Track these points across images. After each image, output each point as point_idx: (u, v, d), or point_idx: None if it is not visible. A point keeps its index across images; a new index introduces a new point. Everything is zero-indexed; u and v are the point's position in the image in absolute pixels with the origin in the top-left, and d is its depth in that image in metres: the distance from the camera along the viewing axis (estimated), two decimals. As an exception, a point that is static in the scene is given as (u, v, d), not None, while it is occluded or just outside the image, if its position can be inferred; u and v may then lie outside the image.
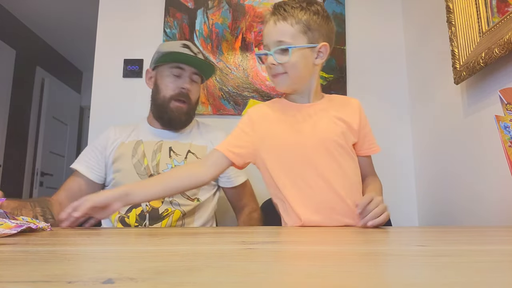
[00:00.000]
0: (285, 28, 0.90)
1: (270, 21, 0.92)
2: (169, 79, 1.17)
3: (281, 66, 0.90)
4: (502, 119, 0.74)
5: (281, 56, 0.90)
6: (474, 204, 1.22)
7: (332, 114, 0.96)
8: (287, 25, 0.90)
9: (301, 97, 0.98)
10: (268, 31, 0.92)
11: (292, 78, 0.92)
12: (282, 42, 0.89)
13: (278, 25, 0.90)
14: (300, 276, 0.27)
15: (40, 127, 3.75)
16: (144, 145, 1.17)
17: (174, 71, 1.17)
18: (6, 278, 0.25)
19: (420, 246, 0.47)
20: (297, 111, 0.97)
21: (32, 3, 3.22)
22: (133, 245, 0.48)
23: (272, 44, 0.91)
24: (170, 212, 1.08)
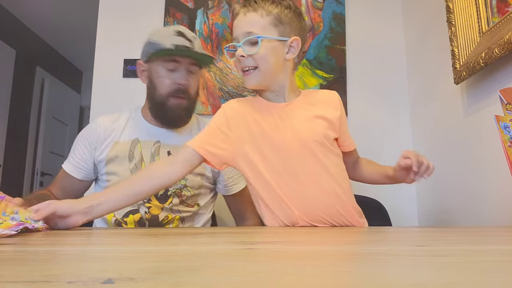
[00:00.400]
0: (255, 19, 0.87)
1: (240, 13, 0.89)
2: (164, 75, 1.07)
3: (251, 59, 0.86)
4: (502, 119, 0.74)
5: (250, 48, 0.86)
6: (474, 204, 1.22)
7: (310, 111, 0.92)
8: (257, 16, 0.87)
9: (276, 95, 0.93)
10: (238, 22, 0.89)
11: (263, 73, 0.88)
12: (251, 33, 0.86)
13: (247, 16, 0.87)
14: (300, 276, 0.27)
15: (40, 127, 3.75)
16: (141, 145, 1.10)
17: (169, 65, 1.07)
18: (6, 278, 0.25)
19: (420, 246, 0.47)
20: (274, 111, 0.91)
21: (32, 3, 3.22)
22: (133, 245, 0.48)
23: (241, 36, 0.87)
24: (170, 219, 1.06)
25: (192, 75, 1.10)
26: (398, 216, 1.62)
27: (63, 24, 3.54)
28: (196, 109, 1.52)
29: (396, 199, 1.66)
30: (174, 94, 1.07)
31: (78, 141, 1.14)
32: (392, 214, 1.34)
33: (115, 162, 1.09)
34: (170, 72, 1.07)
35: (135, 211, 1.06)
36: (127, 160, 1.08)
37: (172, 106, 1.08)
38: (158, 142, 1.11)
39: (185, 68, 1.08)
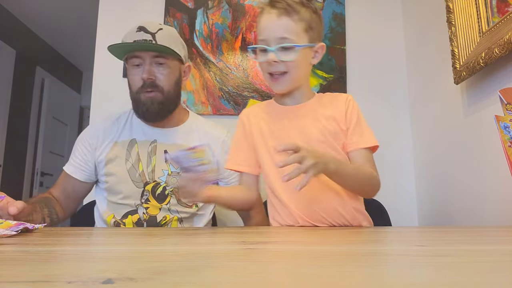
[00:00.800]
0: (288, 24, 0.86)
1: (272, 14, 0.86)
2: (132, 72, 1.07)
3: (283, 64, 0.86)
4: (502, 119, 0.74)
5: (284, 54, 0.85)
6: (474, 204, 1.22)
7: (320, 113, 0.93)
8: (290, 21, 0.86)
9: (292, 98, 0.95)
10: (269, 25, 0.87)
11: (292, 79, 0.89)
12: (286, 39, 0.85)
13: (281, 20, 0.85)
14: (300, 276, 0.27)
15: (40, 127, 3.75)
16: (138, 145, 1.10)
17: (134, 61, 1.06)
18: (6, 278, 0.25)
19: (420, 246, 0.47)
20: (284, 114, 0.95)
21: (32, 3, 3.22)
22: (133, 245, 0.48)
23: (274, 40, 0.86)
24: (168, 220, 1.06)
25: (160, 68, 1.07)
26: (398, 216, 1.62)
27: (63, 24, 3.54)
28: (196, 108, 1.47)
29: (396, 199, 1.66)
30: (142, 89, 1.06)
31: (78, 142, 1.14)
32: (392, 214, 1.34)
33: (114, 163, 1.09)
34: (136, 68, 1.06)
35: (133, 212, 1.05)
36: (123, 160, 1.08)
37: (144, 100, 1.06)
38: (155, 142, 1.11)
39: (150, 62, 1.05)
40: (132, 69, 1.07)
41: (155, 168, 1.09)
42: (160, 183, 1.08)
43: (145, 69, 1.05)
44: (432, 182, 1.54)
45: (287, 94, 0.94)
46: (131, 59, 1.06)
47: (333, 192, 0.89)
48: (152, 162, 1.09)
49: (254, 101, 1.73)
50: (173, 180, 1.09)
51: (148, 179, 1.08)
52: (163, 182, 1.08)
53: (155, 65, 1.06)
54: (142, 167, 1.08)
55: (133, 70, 1.07)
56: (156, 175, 1.08)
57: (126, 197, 1.07)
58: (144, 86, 1.05)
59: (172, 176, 1.09)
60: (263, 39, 0.88)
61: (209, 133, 1.17)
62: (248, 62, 1.77)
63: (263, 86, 1.75)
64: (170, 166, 1.09)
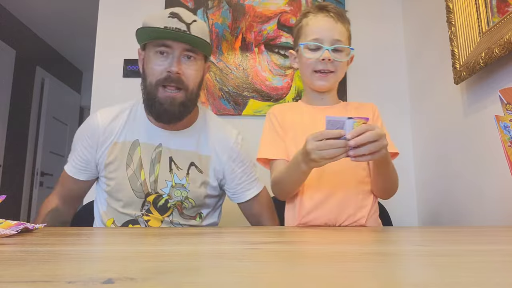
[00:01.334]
0: (343, 30, 0.97)
1: (329, 18, 0.96)
2: (154, 61, 0.94)
3: (333, 64, 0.95)
4: (502, 119, 0.74)
5: (337, 55, 0.95)
6: (474, 204, 1.22)
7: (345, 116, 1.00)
8: (343, 28, 0.97)
9: (321, 99, 1.02)
10: (327, 27, 0.95)
11: (337, 78, 0.98)
12: (340, 42, 0.95)
13: (338, 24, 0.96)
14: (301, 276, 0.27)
15: (40, 127, 3.75)
16: (141, 148, 1.00)
17: (161, 49, 0.93)
18: (6, 278, 0.25)
19: (420, 246, 0.47)
20: (313, 112, 1.00)
21: (32, 3, 3.22)
22: (133, 245, 0.48)
23: (329, 41, 0.94)
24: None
25: (190, 63, 0.95)
26: (398, 216, 1.62)
27: (63, 24, 3.54)
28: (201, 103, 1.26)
29: (396, 199, 1.66)
30: (164, 83, 0.93)
31: (78, 141, 1.05)
32: (392, 214, 1.34)
33: (113, 166, 1.00)
34: (161, 58, 0.94)
35: (134, 222, 1.00)
36: (124, 165, 0.99)
37: (163, 98, 0.94)
38: (160, 147, 1.01)
39: (178, 55, 0.93)
40: (156, 57, 0.94)
41: (158, 178, 0.99)
42: (163, 195, 1.00)
43: (175, 61, 0.93)
44: (432, 182, 1.54)
45: (321, 93, 1.01)
46: (158, 47, 0.93)
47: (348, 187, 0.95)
48: (155, 171, 0.99)
49: (254, 101, 1.73)
50: (177, 193, 1.00)
51: (150, 189, 0.99)
52: (166, 194, 1.00)
53: (183, 59, 0.95)
54: (144, 176, 0.99)
55: (157, 59, 0.94)
56: (159, 186, 0.99)
57: (126, 205, 1.00)
58: (168, 80, 0.93)
59: (176, 189, 1.00)
60: (317, 38, 0.95)
61: (219, 136, 1.06)
62: (248, 62, 1.77)
63: (263, 86, 1.75)
64: (175, 176, 1.00)
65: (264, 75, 1.75)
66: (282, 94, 1.74)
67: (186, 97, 0.95)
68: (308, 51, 0.96)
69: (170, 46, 0.93)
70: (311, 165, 0.80)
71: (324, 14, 0.97)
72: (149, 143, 1.01)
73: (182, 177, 1.00)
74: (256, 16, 1.80)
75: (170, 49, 0.93)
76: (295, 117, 1.01)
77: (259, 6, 1.81)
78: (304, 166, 0.82)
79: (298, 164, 0.84)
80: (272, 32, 1.79)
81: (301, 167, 0.83)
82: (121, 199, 1.00)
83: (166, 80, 0.93)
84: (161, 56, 0.94)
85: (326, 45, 0.94)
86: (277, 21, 1.79)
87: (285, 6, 1.80)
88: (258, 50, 1.78)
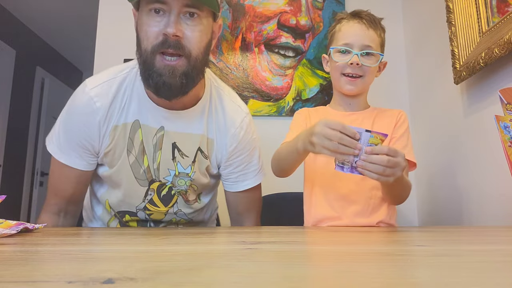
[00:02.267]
0: (374, 36, 0.98)
1: (361, 24, 0.98)
2: (148, 22, 0.77)
3: (362, 68, 0.96)
4: (502, 119, 0.74)
5: (366, 60, 0.96)
6: (474, 204, 1.22)
7: (373, 122, 1.01)
8: (375, 34, 0.98)
9: (349, 104, 1.04)
10: (358, 32, 0.97)
11: (366, 84, 1.00)
12: (370, 47, 0.96)
13: (369, 31, 0.97)
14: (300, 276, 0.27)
15: (40, 127, 3.75)
16: (142, 130, 0.86)
17: (154, 5, 0.76)
18: (6, 278, 0.25)
19: (420, 246, 0.47)
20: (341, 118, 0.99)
21: (32, 3, 3.22)
22: (133, 245, 0.48)
23: (359, 46, 0.96)
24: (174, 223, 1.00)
25: (190, 22, 0.78)
26: (398, 216, 1.62)
27: (63, 24, 3.54)
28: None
29: (396, 199, 1.66)
30: (161, 48, 0.76)
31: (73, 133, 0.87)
32: (392, 214, 1.34)
33: (113, 153, 0.87)
34: (156, 17, 0.77)
35: (132, 214, 0.94)
36: (125, 151, 0.87)
37: (160, 68, 0.77)
38: (162, 130, 0.87)
39: (178, 12, 0.75)
40: (150, 16, 0.77)
41: (159, 167, 0.89)
42: (166, 184, 0.91)
43: (171, 21, 0.75)
44: (432, 182, 1.54)
45: (350, 97, 1.03)
46: (152, 3, 0.76)
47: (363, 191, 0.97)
48: (157, 159, 0.89)
49: (254, 101, 1.73)
50: (181, 182, 0.91)
51: (154, 176, 0.89)
52: (169, 182, 0.91)
53: (184, 17, 0.77)
54: (147, 162, 0.88)
55: (151, 18, 0.76)
56: (161, 175, 0.90)
57: (127, 195, 0.91)
58: (165, 45, 0.76)
59: (180, 178, 0.91)
60: (347, 43, 0.97)
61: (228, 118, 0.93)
62: (248, 62, 1.77)
63: (263, 86, 1.75)
64: (178, 165, 0.90)
65: (264, 75, 1.75)
66: (282, 94, 1.74)
67: (189, 65, 0.78)
68: (338, 54, 0.98)
69: (166, 2, 0.75)
70: (307, 147, 0.79)
71: (357, 21, 0.99)
72: (150, 125, 0.87)
73: (187, 166, 0.90)
74: (256, 16, 1.80)
75: (167, 6, 0.75)
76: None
77: (259, 6, 1.81)
78: (301, 145, 0.82)
79: (298, 140, 0.84)
80: (272, 32, 1.79)
81: (298, 145, 0.83)
82: (121, 188, 0.90)
83: (163, 45, 0.76)
84: (156, 16, 0.76)
85: (356, 50, 0.96)
86: (277, 21, 1.79)
87: (285, 6, 1.80)
88: (258, 50, 1.78)
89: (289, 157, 0.91)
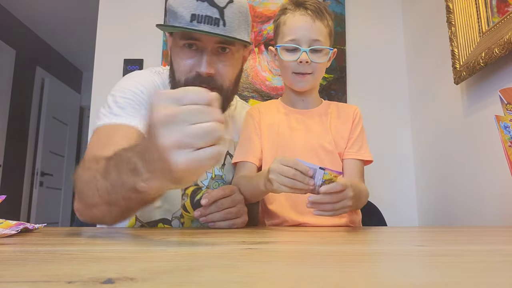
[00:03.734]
0: (321, 28, 0.89)
1: (306, 16, 0.89)
2: (181, 55, 0.80)
3: (310, 66, 0.89)
4: (502, 119, 0.74)
5: (315, 56, 0.89)
6: (474, 204, 1.22)
7: (327, 120, 0.97)
8: (322, 26, 0.89)
9: (302, 100, 0.98)
10: (304, 26, 0.88)
11: (316, 79, 0.94)
12: (318, 42, 0.89)
13: (316, 23, 0.89)
14: (300, 276, 0.27)
15: (40, 127, 3.75)
16: None
17: (188, 42, 0.79)
18: (6, 278, 0.25)
19: (420, 246, 0.47)
20: (292, 115, 0.97)
21: (32, 3, 3.22)
22: (133, 245, 0.48)
23: (307, 42, 0.88)
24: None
25: (223, 57, 0.81)
26: (398, 216, 1.62)
27: (63, 24, 3.54)
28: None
29: (396, 199, 1.66)
30: (194, 83, 0.79)
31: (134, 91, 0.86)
32: (392, 214, 1.34)
33: None
34: (189, 53, 0.80)
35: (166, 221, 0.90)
36: None
37: None
38: None
39: (211, 50, 0.79)
40: (184, 51, 0.80)
41: None
42: (202, 188, 0.90)
43: (204, 59, 0.78)
44: (432, 182, 1.54)
45: (302, 94, 0.98)
46: (185, 39, 0.79)
47: None
48: None
49: (254, 101, 1.73)
50: (215, 185, 0.92)
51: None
52: (205, 187, 0.91)
53: (216, 53, 0.80)
54: None
55: (184, 53, 0.80)
56: (200, 178, 0.90)
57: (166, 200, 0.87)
58: (198, 80, 0.79)
59: (215, 180, 0.92)
60: (294, 39, 0.89)
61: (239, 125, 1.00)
62: (248, 62, 1.77)
63: (263, 86, 1.75)
64: (215, 168, 0.91)
65: (264, 75, 1.75)
66: (282, 94, 1.74)
67: (222, 95, 0.79)
68: (286, 52, 0.91)
69: (200, 39, 0.78)
70: (267, 185, 0.74)
71: (301, 12, 0.89)
72: None
73: (219, 168, 0.94)
74: (256, 16, 1.80)
75: (200, 43, 0.78)
76: (273, 120, 0.97)
77: (259, 6, 1.81)
78: (262, 183, 0.76)
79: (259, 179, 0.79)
80: (272, 32, 1.79)
81: (259, 183, 0.78)
82: None
83: (195, 80, 0.80)
84: (189, 50, 0.80)
85: (304, 46, 0.88)
86: (277, 21, 1.80)
87: (285, 6, 1.81)
88: (258, 50, 1.78)
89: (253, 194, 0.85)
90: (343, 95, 1.73)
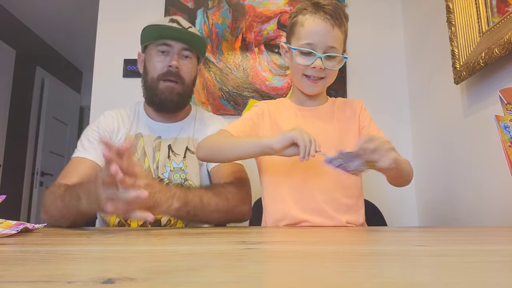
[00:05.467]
0: (338, 35, 0.90)
1: (325, 22, 0.88)
2: (156, 58, 1.08)
3: (324, 71, 0.91)
4: (502, 119, 0.74)
5: (329, 62, 0.90)
6: (474, 204, 1.22)
7: (335, 115, 0.99)
8: (340, 33, 0.90)
9: (309, 99, 1.00)
10: (322, 32, 0.88)
11: (327, 84, 0.95)
12: (333, 49, 0.89)
13: (335, 30, 0.89)
14: (300, 276, 0.27)
15: (40, 127, 3.75)
16: (144, 139, 1.10)
17: (161, 48, 1.07)
18: (6, 278, 0.25)
19: (420, 246, 0.47)
20: (299, 113, 0.99)
21: (32, 3, 3.22)
22: (133, 245, 0.48)
23: (323, 48, 0.89)
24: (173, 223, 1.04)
25: (186, 61, 1.10)
26: (398, 216, 1.63)
27: (63, 24, 3.54)
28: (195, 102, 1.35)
29: (396, 199, 1.66)
30: (165, 76, 1.07)
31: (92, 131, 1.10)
32: (392, 214, 1.34)
33: None
34: (162, 56, 1.08)
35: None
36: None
37: (163, 89, 1.07)
38: (159, 138, 1.12)
39: (177, 52, 1.08)
40: (157, 55, 1.08)
41: (158, 165, 1.08)
42: (164, 180, 1.06)
43: (174, 58, 1.07)
44: (432, 182, 1.54)
45: (311, 96, 0.99)
46: (160, 46, 1.07)
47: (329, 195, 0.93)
48: (156, 158, 1.08)
49: (254, 101, 1.73)
50: (176, 176, 1.07)
51: (154, 175, 1.06)
52: (166, 178, 1.06)
53: (181, 56, 1.09)
54: (148, 163, 1.07)
55: (158, 56, 1.08)
56: (160, 172, 1.07)
57: None
58: (168, 74, 1.06)
59: (175, 172, 1.08)
60: (310, 43, 0.89)
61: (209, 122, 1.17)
62: (248, 62, 1.77)
63: (263, 86, 1.75)
64: (172, 162, 1.08)
65: (264, 75, 1.75)
66: (282, 94, 1.74)
67: (183, 89, 1.09)
68: (300, 54, 0.91)
69: (170, 45, 1.07)
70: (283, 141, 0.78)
71: (321, 16, 0.89)
72: (150, 135, 1.12)
73: (180, 162, 1.09)
74: (256, 16, 1.80)
75: (170, 48, 1.08)
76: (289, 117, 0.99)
77: (259, 6, 1.81)
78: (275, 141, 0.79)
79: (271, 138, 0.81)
80: (272, 32, 1.79)
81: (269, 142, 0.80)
82: None
83: (166, 74, 1.07)
84: (162, 55, 1.08)
85: (319, 52, 0.89)
86: (277, 21, 1.80)
87: (285, 6, 1.80)
88: (258, 50, 1.78)
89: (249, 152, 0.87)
90: (343, 94, 1.73)
